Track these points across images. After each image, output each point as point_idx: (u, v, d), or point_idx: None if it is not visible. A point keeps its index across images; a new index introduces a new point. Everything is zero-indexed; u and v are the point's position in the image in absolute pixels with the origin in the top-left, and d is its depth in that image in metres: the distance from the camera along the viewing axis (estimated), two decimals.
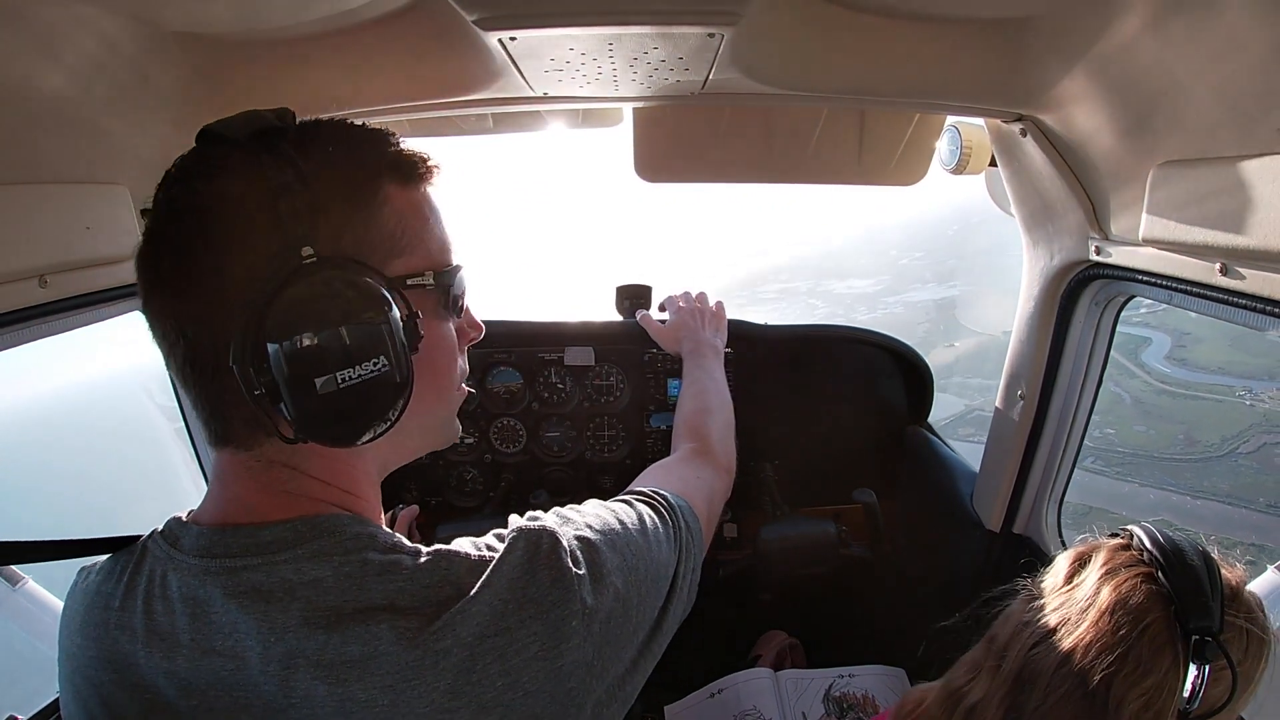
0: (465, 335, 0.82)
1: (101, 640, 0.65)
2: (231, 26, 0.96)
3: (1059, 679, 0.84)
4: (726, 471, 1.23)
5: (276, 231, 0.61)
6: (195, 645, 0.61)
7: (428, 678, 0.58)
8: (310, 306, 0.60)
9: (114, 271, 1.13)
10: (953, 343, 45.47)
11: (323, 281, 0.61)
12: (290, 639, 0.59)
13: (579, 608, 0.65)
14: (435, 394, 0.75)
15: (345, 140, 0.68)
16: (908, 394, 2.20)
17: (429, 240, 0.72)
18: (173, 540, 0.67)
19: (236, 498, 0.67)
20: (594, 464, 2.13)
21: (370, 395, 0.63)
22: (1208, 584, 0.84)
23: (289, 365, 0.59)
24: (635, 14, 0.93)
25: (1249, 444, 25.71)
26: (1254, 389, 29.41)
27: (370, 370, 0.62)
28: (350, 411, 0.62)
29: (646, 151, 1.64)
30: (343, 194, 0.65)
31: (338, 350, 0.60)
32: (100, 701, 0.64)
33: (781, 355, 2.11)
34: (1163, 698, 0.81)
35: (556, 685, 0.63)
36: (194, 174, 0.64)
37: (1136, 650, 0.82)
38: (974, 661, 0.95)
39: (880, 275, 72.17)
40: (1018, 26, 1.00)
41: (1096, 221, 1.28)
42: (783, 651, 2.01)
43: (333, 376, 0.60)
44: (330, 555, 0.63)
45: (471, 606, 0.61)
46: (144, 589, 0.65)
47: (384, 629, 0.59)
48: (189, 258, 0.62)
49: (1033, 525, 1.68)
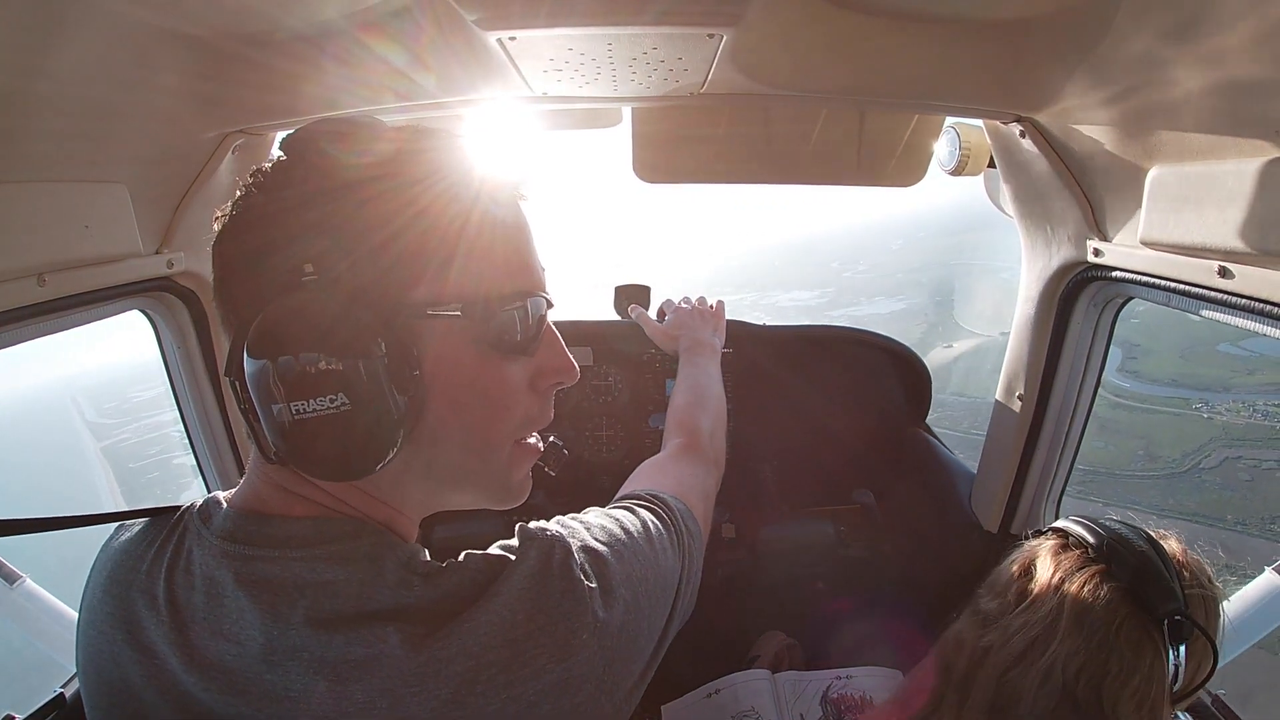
0: (546, 377, 0.71)
1: (122, 599, 0.66)
2: (231, 26, 0.95)
3: (1043, 698, 0.81)
4: (716, 466, 1.21)
5: (290, 246, 0.59)
6: (206, 624, 0.61)
7: (430, 685, 0.57)
8: (276, 329, 0.57)
9: (113, 270, 1.13)
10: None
11: (297, 304, 0.57)
12: (294, 634, 0.58)
13: (590, 620, 0.62)
14: (466, 439, 0.66)
15: (387, 151, 0.63)
16: (906, 395, 2.20)
17: (481, 263, 0.64)
18: (205, 517, 0.67)
19: (259, 489, 0.67)
20: (592, 464, 2.12)
21: (330, 434, 0.58)
22: (1161, 565, 0.85)
23: (254, 386, 0.58)
24: (635, 14, 0.92)
25: (1210, 459, 25.64)
26: (1210, 401, 29.35)
27: (324, 406, 0.57)
28: (313, 447, 0.58)
29: (646, 152, 1.64)
30: (370, 209, 0.61)
31: (293, 380, 0.56)
32: (110, 658, 0.65)
33: (781, 356, 2.11)
34: (1153, 689, 0.81)
35: (563, 699, 0.60)
36: (252, 182, 0.63)
37: (1117, 651, 0.81)
38: (930, 690, 0.91)
39: (824, 287, 71.42)
40: (1017, 28, 1.00)
41: (1095, 223, 1.28)
42: (781, 652, 2.01)
43: (285, 406, 0.57)
44: (346, 560, 0.61)
45: (479, 616, 0.59)
46: (170, 558, 0.66)
47: (389, 632, 0.58)
48: (228, 263, 0.63)
49: (1031, 526, 1.67)
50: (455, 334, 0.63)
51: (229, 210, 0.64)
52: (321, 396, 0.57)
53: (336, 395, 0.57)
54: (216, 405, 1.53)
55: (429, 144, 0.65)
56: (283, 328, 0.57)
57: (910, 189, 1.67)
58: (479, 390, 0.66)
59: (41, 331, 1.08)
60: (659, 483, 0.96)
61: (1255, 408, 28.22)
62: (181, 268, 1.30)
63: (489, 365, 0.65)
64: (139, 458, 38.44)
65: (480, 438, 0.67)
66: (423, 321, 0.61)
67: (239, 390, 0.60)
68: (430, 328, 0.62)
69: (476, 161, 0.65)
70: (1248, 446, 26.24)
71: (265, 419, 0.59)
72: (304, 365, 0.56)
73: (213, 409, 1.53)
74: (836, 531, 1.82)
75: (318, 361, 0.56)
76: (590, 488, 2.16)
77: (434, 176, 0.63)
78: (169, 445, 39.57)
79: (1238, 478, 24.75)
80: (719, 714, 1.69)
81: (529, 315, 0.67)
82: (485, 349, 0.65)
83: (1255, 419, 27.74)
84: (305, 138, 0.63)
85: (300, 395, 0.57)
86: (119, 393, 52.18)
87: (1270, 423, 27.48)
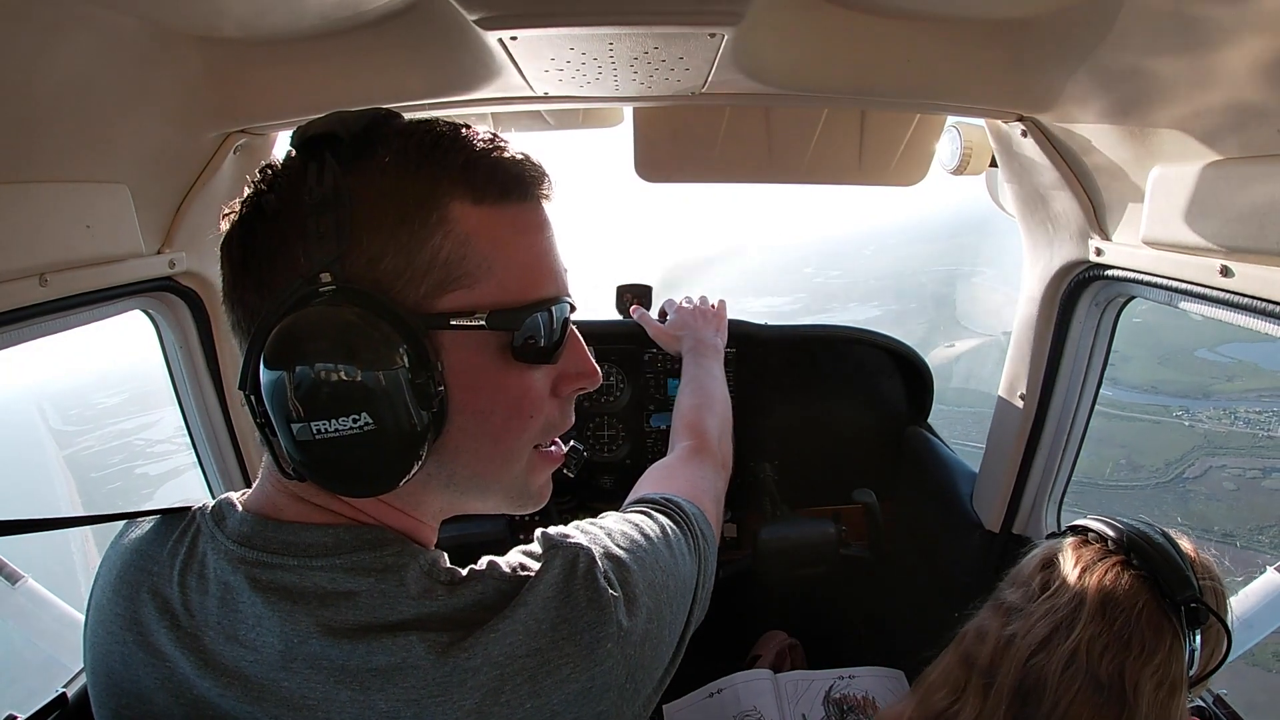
0: (568, 382, 0.70)
1: (133, 600, 0.64)
2: (233, 27, 0.96)
3: (1068, 681, 0.85)
4: (725, 468, 1.22)
5: (303, 253, 0.56)
6: (221, 629, 0.60)
7: (454, 695, 0.56)
8: (296, 344, 0.54)
9: (114, 270, 1.13)
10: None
11: (317, 317, 0.54)
12: (315, 643, 0.57)
13: (614, 630, 0.61)
14: (488, 449, 0.64)
15: (408, 148, 0.59)
16: (908, 394, 2.20)
17: (504, 270, 0.61)
18: (219, 519, 0.65)
19: (274, 496, 0.64)
20: (594, 464, 2.12)
21: (353, 453, 0.55)
22: (1177, 556, 0.90)
23: (272, 402, 0.55)
24: (636, 14, 0.92)
25: (1194, 468, 25.18)
26: (1190, 408, 28.93)
27: (349, 427, 0.54)
28: (334, 465, 0.56)
29: (647, 151, 1.64)
30: (390, 212, 0.57)
31: (315, 398, 0.54)
32: (121, 660, 0.64)
33: (782, 355, 2.11)
34: (1173, 670, 0.85)
35: (586, 708, 0.60)
36: (262, 180, 0.61)
37: (1139, 634, 0.85)
38: (953, 682, 0.94)
39: (797, 293, 70.17)
40: (1019, 27, 0.99)
41: (1097, 222, 1.28)
42: (783, 652, 2.01)
43: (307, 425, 0.54)
44: (369, 571, 0.60)
45: (505, 625, 0.58)
46: (183, 560, 0.64)
47: (413, 640, 0.56)
48: (238, 267, 0.60)
49: (1032, 526, 1.67)
50: (478, 343, 0.60)
51: (239, 210, 0.61)
52: (344, 416, 0.54)
53: (360, 414, 0.54)
54: (219, 405, 1.53)
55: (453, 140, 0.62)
56: (302, 342, 0.54)
57: (883, 196, 1.67)
58: (501, 400, 0.63)
59: (44, 332, 1.07)
60: (671, 486, 0.96)
61: (1236, 415, 27.96)
62: (183, 268, 1.30)
63: (512, 374, 0.63)
64: (101, 467, 37.47)
65: (503, 447, 0.65)
66: (445, 333, 0.59)
67: (254, 404, 0.57)
68: (453, 338, 0.59)
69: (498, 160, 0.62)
70: (1231, 455, 25.90)
71: (283, 435, 0.56)
72: (325, 382, 0.54)
73: (214, 409, 1.53)
74: (837, 531, 1.82)
75: (340, 378, 0.54)
76: (591, 487, 2.16)
77: (453, 174, 0.60)
78: (131, 454, 38.51)
79: (1223, 487, 24.41)
80: (721, 714, 1.69)
81: (553, 321, 0.64)
82: (509, 357, 0.62)
83: (1237, 426, 27.55)
84: (320, 134, 0.59)
85: (322, 415, 0.54)
86: (82, 399, 50.91)
87: (1252, 430, 27.25)
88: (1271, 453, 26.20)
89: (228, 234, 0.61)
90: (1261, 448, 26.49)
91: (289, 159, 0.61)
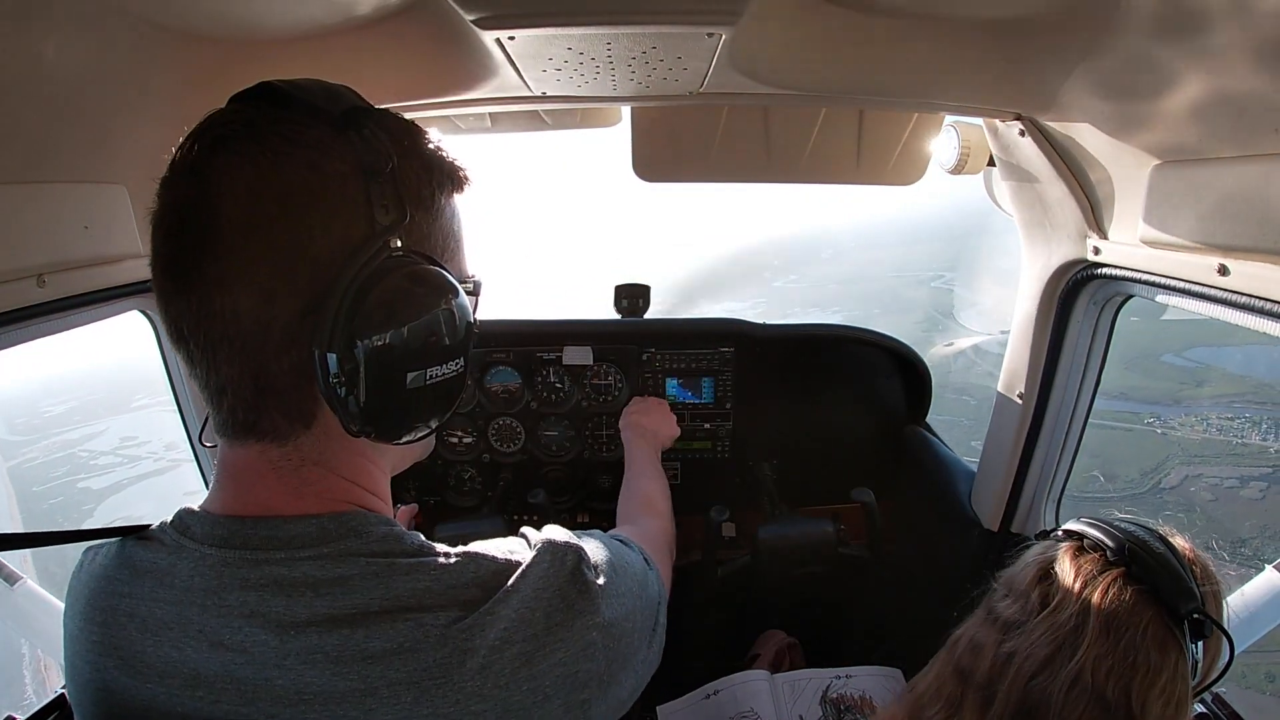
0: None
1: (107, 626, 0.63)
2: (232, 26, 0.96)
3: (1073, 702, 0.82)
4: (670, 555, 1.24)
5: (365, 218, 0.60)
6: (204, 636, 0.59)
7: (454, 677, 0.58)
8: (414, 301, 0.61)
9: (112, 271, 1.13)
10: None
11: (419, 276, 0.62)
12: (310, 634, 0.58)
13: (600, 620, 0.67)
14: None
15: (418, 137, 0.69)
16: (906, 394, 2.20)
17: (462, 248, 0.74)
18: (183, 529, 0.64)
19: (254, 490, 0.64)
20: (592, 463, 2.13)
21: (445, 392, 0.65)
22: (1178, 565, 0.88)
23: (381, 357, 0.59)
24: (633, 14, 0.92)
25: (1170, 477, 25.01)
26: (1161, 415, 28.58)
27: (454, 369, 0.65)
28: (424, 407, 0.64)
29: (645, 151, 1.64)
30: (418, 190, 0.66)
31: (436, 347, 0.62)
32: (104, 687, 0.63)
33: (781, 355, 2.11)
34: (1179, 687, 0.83)
35: (572, 694, 0.64)
36: (270, 133, 0.59)
37: (1144, 653, 0.83)
38: (947, 695, 0.92)
39: (755, 298, 69.60)
40: (1017, 27, 1.00)
41: (1095, 221, 1.28)
42: (781, 651, 2.01)
43: (423, 373, 0.62)
44: (357, 555, 0.61)
45: (500, 609, 0.61)
46: (154, 577, 0.63)
47: (410, 626, 0.58)
48: (263, 223, 0.57)
49: (1031, 524, 1.68)
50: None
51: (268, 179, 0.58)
52: (452, 360, 0.64)
53: (459, 359, 0.66)
54: None
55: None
56: (416, 300, 0.61)
57: (836, 198, 1.68)
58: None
59: (41, 332, 1.07)
60: (634, 536, 0.98)
61: (1209, 421, 27.62)
62: None
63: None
64: (43, 480, 36.63)
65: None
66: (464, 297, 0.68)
67: (330, 365, 0.57)
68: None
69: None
70: (1207, 464, 25.62)
71: (380, 388, 0.59)
72: (446, 335, 0.63)
73: None
74: (836, 530, 1.82)
75: (453, 330, 0.64)
76: (590, 487, 2.17)
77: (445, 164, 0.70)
78: (76, 467, 37.68)
79: (1200, 497, 24.14)
80: (717, 715, 1.69)
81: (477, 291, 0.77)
82: None
83: (1210, 434, 27.22)
84: (359, 106, 0.66)
85: (438, 360, 0.63)
86: (30, 406, 49.85)
87: (1225, 437, 26.92)
88: (1247, 461, 25.94)
89: (229, 180, 0.58)
90: (1236, 455, 26.25)
91: (314, 122, 0.61)
